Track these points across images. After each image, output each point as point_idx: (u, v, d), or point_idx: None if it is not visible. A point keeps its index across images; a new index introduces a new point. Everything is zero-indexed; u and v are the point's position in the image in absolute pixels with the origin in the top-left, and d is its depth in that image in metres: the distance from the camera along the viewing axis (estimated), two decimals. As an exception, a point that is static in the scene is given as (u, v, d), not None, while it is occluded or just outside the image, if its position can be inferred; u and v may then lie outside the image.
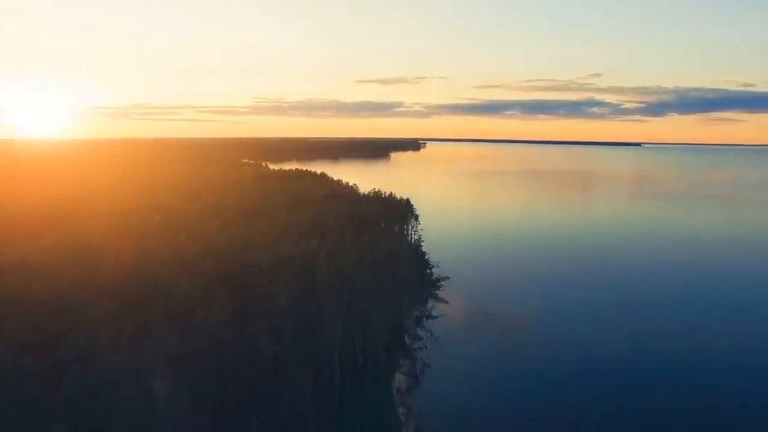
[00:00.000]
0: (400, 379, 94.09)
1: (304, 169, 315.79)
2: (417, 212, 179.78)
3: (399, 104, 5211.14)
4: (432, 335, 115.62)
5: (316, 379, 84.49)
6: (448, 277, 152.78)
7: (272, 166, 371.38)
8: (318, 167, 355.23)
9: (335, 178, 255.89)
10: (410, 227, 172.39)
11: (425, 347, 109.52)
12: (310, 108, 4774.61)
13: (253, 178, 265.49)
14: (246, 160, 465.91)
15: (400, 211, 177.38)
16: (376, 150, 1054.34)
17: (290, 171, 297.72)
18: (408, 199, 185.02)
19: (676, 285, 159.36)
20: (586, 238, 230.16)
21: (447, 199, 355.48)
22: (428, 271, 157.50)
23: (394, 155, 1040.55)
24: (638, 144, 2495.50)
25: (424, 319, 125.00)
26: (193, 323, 75.46)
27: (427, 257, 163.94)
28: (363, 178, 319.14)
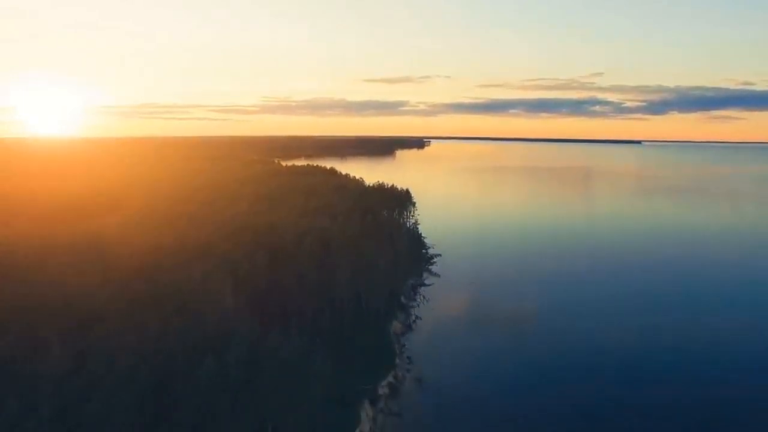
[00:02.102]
0: (396, 326, 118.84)
1: (315, 165, 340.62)
2: (415, 201, 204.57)
3: (404, 103, 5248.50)
4: (424, 298, 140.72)
5: (331, 320, 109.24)
6: (440, 255, 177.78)
7: (283, 163, 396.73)
8: (326, 164, 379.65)
9: (343, 173, 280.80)
10: (409, 213, 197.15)
11: (418, 306, 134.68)
12: (316, 107, 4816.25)
13: (268, 172, 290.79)
14: (257, 158, 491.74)
15: (401, 199, 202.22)
16: (382, 148, 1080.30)
17: (302, 166, 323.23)
18: (408, 190, 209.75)
19: (673, 278, 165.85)
20: (575, 227, 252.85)
21: (445, 192, 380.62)
22: (424, 251, 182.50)
23: (399, 153, 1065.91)
24: (639, 142, 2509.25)
25: (419, 286, 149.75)
26: (240, 274, 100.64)
27: (423, 238, 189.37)
28: (369, 173, 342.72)
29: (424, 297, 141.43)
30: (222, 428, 61.57)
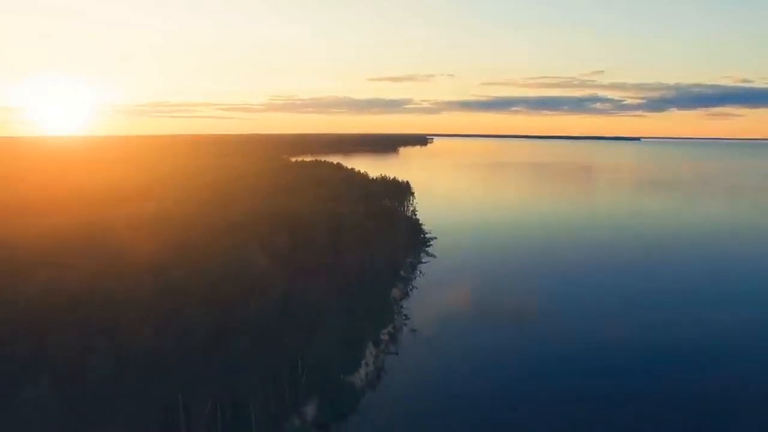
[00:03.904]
0: (396, 292, 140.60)
1: (322, 160, 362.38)
2: (414, 191, 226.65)
3: (409, 101, 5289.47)
4: (420, 272, 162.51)
5: (340, 287, 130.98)
6: (436, 238, 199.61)
7: (291, 159, 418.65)
8: (332, 161, 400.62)
9: (349, 168, 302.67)
10: (408, 202, 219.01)
11: (415, 278, 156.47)
12: (323, 105, 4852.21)
13: (279, 167, 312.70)
14: (265, 154, 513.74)
15: (402, 190, 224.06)
16: (386, 145, 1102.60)
17: (310, 162, 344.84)
18: (408, 182, 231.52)
19: (667, 269, 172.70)
20: (567, 219, 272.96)
21: (445, 185, 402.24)
22: (422, 235, 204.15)
23: (402, 150, 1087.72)
24: (638, 139, 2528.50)
25: (417, 264, 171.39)
26: (267, 249, 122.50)
27: (422, 224, 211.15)
28: (373, 169, 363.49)
29: (420, 272, 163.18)
30: (268, 356, 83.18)
